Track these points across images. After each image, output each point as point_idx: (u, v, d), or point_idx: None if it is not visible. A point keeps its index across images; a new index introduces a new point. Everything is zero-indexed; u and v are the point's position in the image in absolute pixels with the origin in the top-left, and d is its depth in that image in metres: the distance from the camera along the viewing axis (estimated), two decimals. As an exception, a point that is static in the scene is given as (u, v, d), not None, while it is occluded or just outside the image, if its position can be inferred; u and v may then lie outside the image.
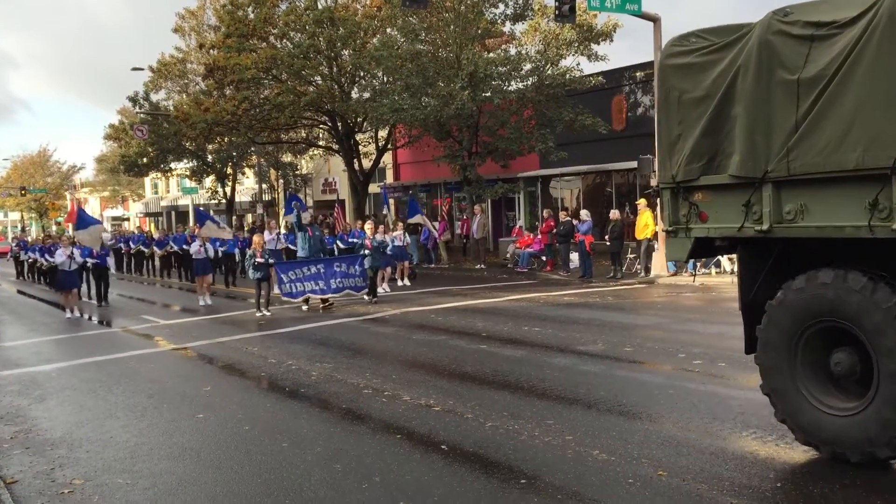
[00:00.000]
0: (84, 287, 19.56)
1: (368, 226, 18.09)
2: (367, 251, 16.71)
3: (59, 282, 17.82)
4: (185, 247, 24.55)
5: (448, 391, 8.43)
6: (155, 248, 27.57)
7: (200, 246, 18.44)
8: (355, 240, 18.97)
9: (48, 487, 5.98)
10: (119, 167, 45.31)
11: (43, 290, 25.51)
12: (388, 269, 19.60)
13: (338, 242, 20.63)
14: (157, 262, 27.89)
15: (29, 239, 38.19)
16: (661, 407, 7.39)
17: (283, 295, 16.12)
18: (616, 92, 26.18)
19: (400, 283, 20.31)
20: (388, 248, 18.77)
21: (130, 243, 29.67)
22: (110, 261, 21.02)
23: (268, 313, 15.49)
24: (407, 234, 21.48)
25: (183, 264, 25.16)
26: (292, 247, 20.21)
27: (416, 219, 23.61)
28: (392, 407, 7.85)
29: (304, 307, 16.27)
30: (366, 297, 16.70)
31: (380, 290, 18.01)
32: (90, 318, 16.88)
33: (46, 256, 23.61)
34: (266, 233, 20.32)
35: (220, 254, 20.90)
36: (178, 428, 7.52)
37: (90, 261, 18.93)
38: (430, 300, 16.90)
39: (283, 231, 21.94)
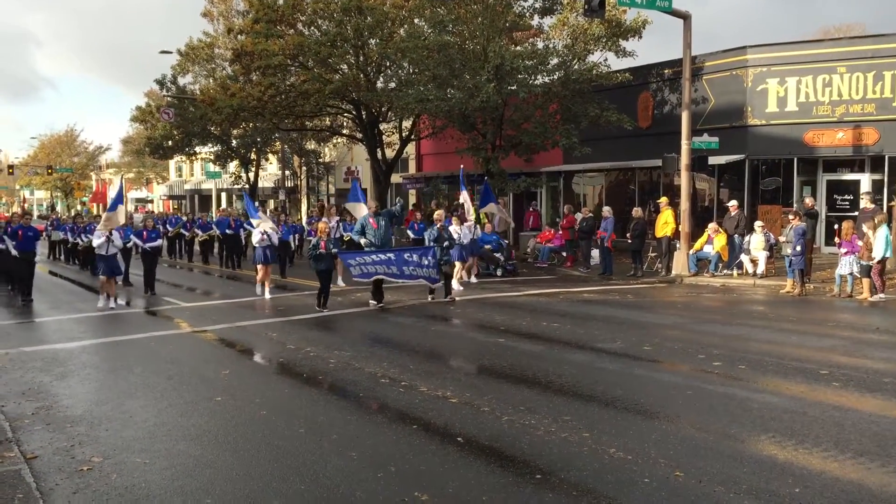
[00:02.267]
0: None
1: (438, 214, 16.49)
2: (442, 242, 15.52)
3: (99, 267, 16.04)
4: (227, 231, 24.16)
5: (465, 383, 8.44)
6: (197, 231, 26.82)
7: (263, 233, 16.72)
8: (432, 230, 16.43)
9: (67, 464, 6.05)
10: (144, 149, 45.68)
11: (71, 269, 25.69)
12: (465, 263, 18.08)
13: (408, 232, 19.78)
14: (196, 247, 27.41)
15: (59, 217, 38.33)
16: (679, 407, 7.34)
17: (354, 276, 14.96)
18: (643, 89, 25.97)
19: (468, 279, 18.67)
20: (465, 240, 17.65)
21: (168, 226, 28.46)
22: (160, 242, 19.11)
23: (324, 311, 14.07)
24: (478, 227, 19.54)
25: (226, 249, 24.50)
26: (346, 234, 19.73)
27: (490, 208, 21.69)
28: (409, 397, 7.87)
29: (372, 303, 14.82)
30: (433, 294, 15.42)
31: (457, 286, 16.75)
32: (128, 304, 16.16)
33: (83, 237, 23.16)
34: (324, 220, 18.78)
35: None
36: (197, 410, 7.58)
37: (139, 243, 17.95)
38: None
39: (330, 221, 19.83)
